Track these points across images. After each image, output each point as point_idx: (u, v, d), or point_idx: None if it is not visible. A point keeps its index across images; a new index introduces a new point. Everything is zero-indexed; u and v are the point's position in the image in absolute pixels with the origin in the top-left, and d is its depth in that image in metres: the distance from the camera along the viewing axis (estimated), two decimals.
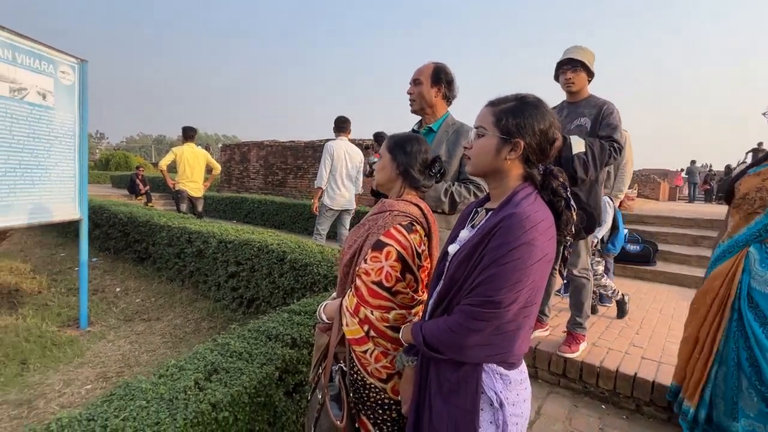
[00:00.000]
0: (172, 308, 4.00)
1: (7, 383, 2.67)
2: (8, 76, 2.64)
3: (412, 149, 1.34)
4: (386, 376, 1.22)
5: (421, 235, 1.28)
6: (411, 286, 1.24)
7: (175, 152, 5.84)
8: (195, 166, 5.82)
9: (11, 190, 2.73)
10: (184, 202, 5.85)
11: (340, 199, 4.65)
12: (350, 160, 4.65)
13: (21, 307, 3.85)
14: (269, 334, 1.94)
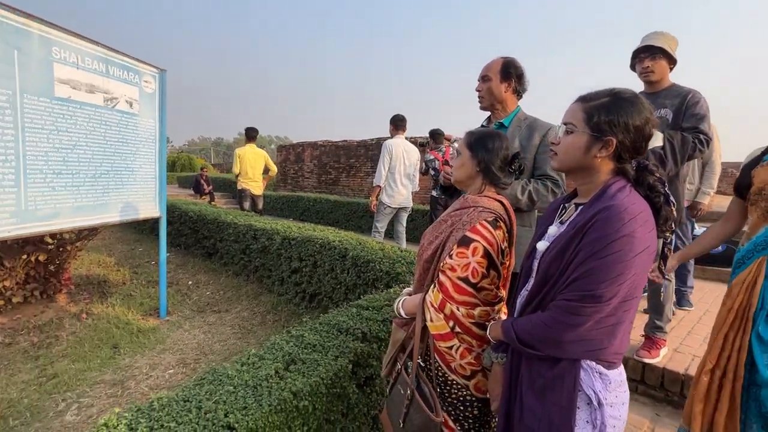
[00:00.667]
0: (239, 301, 4.23)
1: (103, 365, 2.96)
2: (103, 87, 2.91)
3: (493, 145, 1.32)
4: (470, 373, 1.22)
5: (504, 231, 1.26)
6: (494, 283, 1.22)
7: (237, 153, 6.17)
8: (255, 165, 6.10)
9: (105, 191, 3.02)
10: (247, 200, 6.16)
11: (398, 197, 4.67)
12: (408, 158, 4.67)
13: (110, 296, 4.25)
14: (340, 328, 2.00)
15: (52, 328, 3.50)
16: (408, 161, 4.67)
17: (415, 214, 7.23)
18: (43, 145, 2.50)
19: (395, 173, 4.60)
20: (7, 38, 2.24)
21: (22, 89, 2.34)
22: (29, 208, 2.43)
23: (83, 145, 2.80)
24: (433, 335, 1.24)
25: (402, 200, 4.71)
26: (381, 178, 4.60)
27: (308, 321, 2.13)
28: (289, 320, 3.72)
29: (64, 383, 2.70)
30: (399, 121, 4.76)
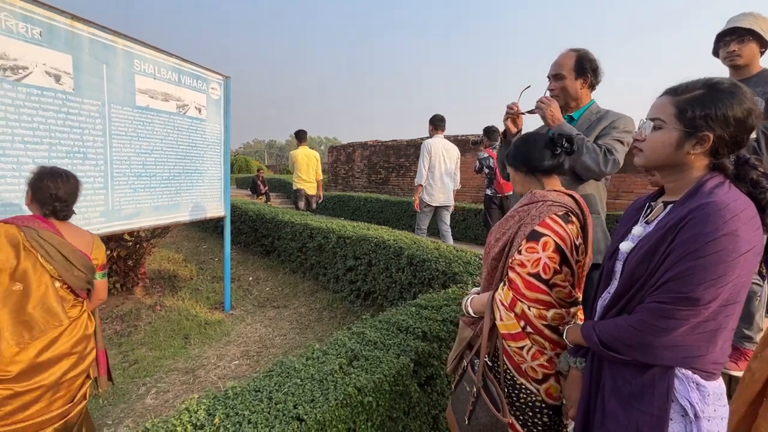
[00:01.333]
0: (296, 297, 4.38)
1: (176, 353, 3.19)
2: (175, 95, 3.13)
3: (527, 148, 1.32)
4: (542, 376, 1.17)
5: (578, 227, 1.21)
6: (568, 280, 1.17)
7: (291, 156, 6.40)
8: (308, 166, 6.29)
9: (177, 192, 3.24)
10: (302, 200, 6.37)
11: (439, 196, 4.71)
12: (447, 157, 4.69)
13: (179, 290, 4.56)
14: (400, 326, 2.01)
15: (132, 317, 3.82)
16: (448, 160, 4.69)
17: (467, 213, 7.11)
18: (126, 150, 2.73)
19: (435, 172, 4.64)
20: (97, 54, 2.47)
21: (109, 100, 2.57)
22: (115, 208, 2.67)
23: (159, 149, 3.02)
24: (503, 335, 1.20)
25: (442, 199, 4.74)
26: (422, 178, 4.66)
27: (368, 319, 2.16)
28: (344, 317, 3.80)
29: (143, 369, 2.94)
30: (438, 121, 4.78)
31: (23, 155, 2.10)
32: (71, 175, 1.69)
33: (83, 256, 1.66)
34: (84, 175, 2.44)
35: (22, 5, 2.06)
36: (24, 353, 1.48)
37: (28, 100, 2.12)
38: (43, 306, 1.53)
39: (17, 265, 1.49)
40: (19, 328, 1.47)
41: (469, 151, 9.31)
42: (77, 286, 1.66)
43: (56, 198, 1.61)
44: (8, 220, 1.55)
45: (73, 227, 1.73)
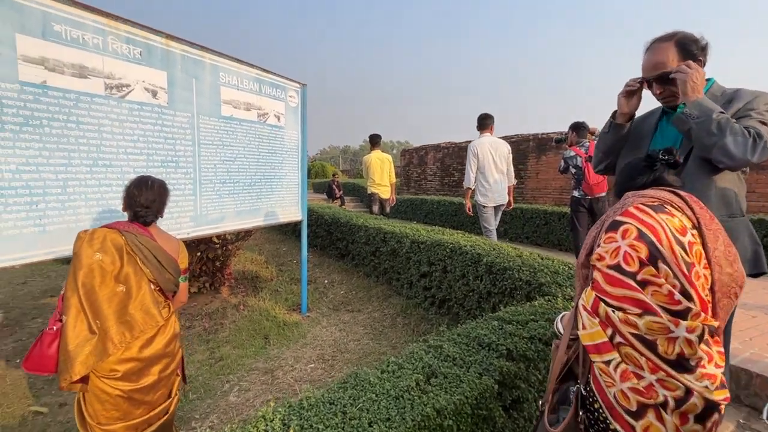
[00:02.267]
0: (370, 302, 4.36)
1: (257, 353, 3.31)
2: (256, 104, 3.27)
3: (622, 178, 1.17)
4: (636, 408, 0.89)
5: (683, 222, 0.97)
6: (670, 283, 0.90)
7: (365, 160, 6.44)
8: (382, 170, 6.29)
9: (258, 197, 3.38)
10: (376, 204, 6.38)
11: (493, 195, 4.70)
12: (497, 155, 4.67)
13: (261, 291, 4.78)
14: (481, 342, 1.84)
15: (218, 316, 4.07)
16: (498, 158, 4.67)
17: (549, 216, 6.62)
18: (212, 158, 2.89)
19: (485, 172, 4.64)
20: (187, 69, 2.64)
21: (198, 111, 2.74)
22: (203, 213, 2.83)
23: (242, 157, 3.17)
24: (587, 348, 0.96)
25: (497, 198, 4.73)
26: (470, 181, 4.71)
27: (445, 331, 2.03)
28: (418, 325, 3.68)
29: (227, 366, 3.08)
30: (485, 120, 4.79)
31: (126, 165, 2.29)
32: (157, 184, 1.76)
33: (173, 260, 1.74)
34: (176, 182, 2.62)
35: (127, 28, 2.26)
36: (127, 352, 1.56)
37: (131, 114, 2.31)
38: (143, 307, 1.61)
39: (121, 268, 1.57)
40: (121, 328, 1.54)
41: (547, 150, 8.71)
42: (167, 289, 1.74)
43: (138, 203, 1.69)
44: (111, 225, 1.65)
45: (164, 233, 1.82)
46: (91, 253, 1.52)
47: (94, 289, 1.51)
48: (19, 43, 1.82)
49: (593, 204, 4.45)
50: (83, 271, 1.50)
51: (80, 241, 1.56)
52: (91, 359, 1.47)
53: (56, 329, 1.54)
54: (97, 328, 1.49)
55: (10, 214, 1.82)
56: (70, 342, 1.45)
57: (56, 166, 1.97)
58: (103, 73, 2.15)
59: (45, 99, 1.92)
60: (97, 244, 1.55)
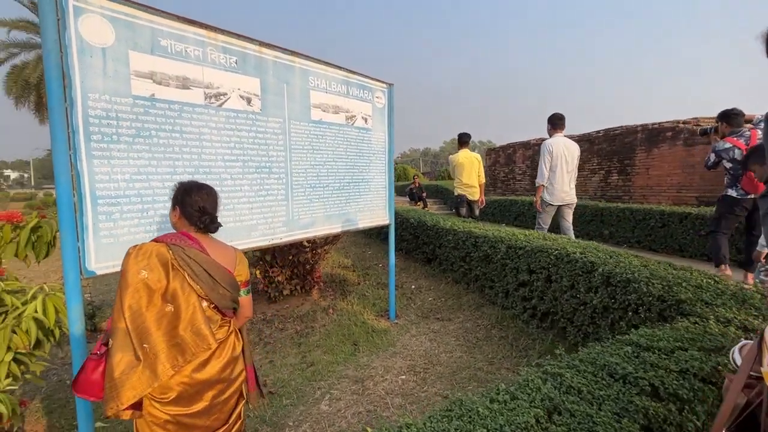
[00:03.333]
0: (460, 310, 4.10)
1: (346, 360, 3.24)
2: (344, 107, 3.22)
3: None
4: None
5: None
6: None
7: (452, 160, 6.17)
8: (470, 171, 5.96)
9: (347, 201, 3.33)
10: (464, 206, 6.08)
11: (560, 194, 4.74)
12: (569, 155, 4.72)
13: (348, 294, 4.77)
14: (612, 373, 1.52)
15: (309, 319, 4.11)
16: (569, 158, 4.72)
17: (666, 218, 5.74)
18: (303, 163, 2.89)
19: (556, 171, 4.69)
20: (279, 75, 2.65)
21: (289, 116, 2.75)
22: (294, 218, 2.83)
23: (330, 161, 3.13)
24: None
25: (564, 197, 4.75)
26: (544, 178, 4.76)
27: (562, 354, 1.72)
28: (517, 339, 3.34)
29: (318, 372, 3.05)
30: (557, 120, 4.82)
31: (223, 172, 2.35)
32: (212, 188, 1.64)
33: (227, 273, 1.57)
34: (270, 187, 2.64)
35: (224, 38, 2.31)
36: (178, 376, 1.43)
37: (227, 122, 2.36)
38: (193, 328, 1.45)
39: (167, 285, 1.43)
40: (173, 351, 1.41)
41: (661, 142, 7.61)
42: (223, 305, 1.56)
43: (203, 211, 1.55)
44: (159, 239, 1.51)
45: (217, 242, 1.65)
46: (137, 271, 1.39)
47: (141, 311, 1.38)
48: (132, 59, 1.92)
49: (755, 204, 3.63)
50: (129, 291, 1.37)
51: (127, 258, 1.42)
52: (141, 385, 1.35)
53: (100, 354, 1.44)
54: (144, 353, 1.36)
55: (125, 221, 1.93)
56: (116, 369, 1.33)
57: (163, 175, 2.06)
58: (203, 83, 2.22)
59: (153, 111, 2.01)
60: (143, 261, 1.41)
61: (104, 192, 1.85)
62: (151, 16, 1.99)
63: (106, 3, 1.83)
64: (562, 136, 4.80)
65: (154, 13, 2.00)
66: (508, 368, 2.97)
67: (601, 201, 8.19)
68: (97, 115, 1.81)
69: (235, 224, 2.43)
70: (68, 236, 1.73)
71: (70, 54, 1.71)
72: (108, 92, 1.84)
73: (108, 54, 1.84)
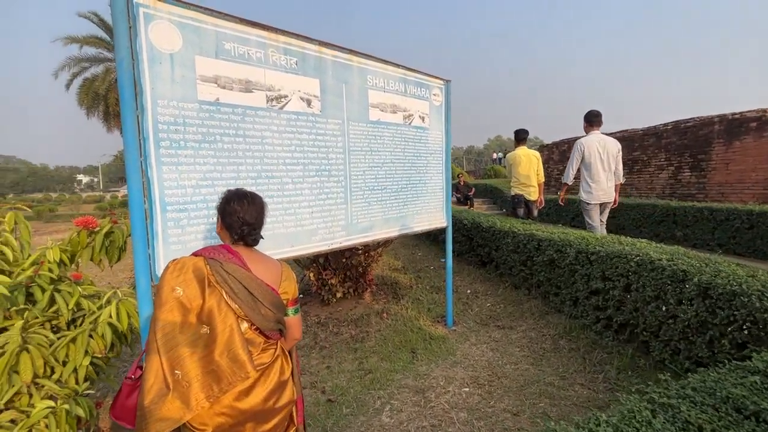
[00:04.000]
0: (522, 318, 3.86)
1: (405, 368, 3.12)
2: (402, 106, 3.10)
3: None
4: None
5: None
6: None
7: (509, 158, 5.89)
8: (529, 169, 5.66)
9: (405, 203, 3.21)
10: (521, 207, 5.79)
11: (597, 193, 4.67)
12: (605, 153, 4.64)
13: (402, 298, 4.66)
14: (738, 406, 1.29)
15: (363, 323, 4.04)
16: (606, 155, 4.64)
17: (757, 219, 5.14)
18: (361, 165, 2.80)
19: (591, 170, 4.65)
20: (338, 75, 2.58)
21: (348, 117, 2.67)
22: (353, 221, 2.75)
23: (389, 162, 3.03)
24: None
25: (601, 195, 4.69)
26: (568, 177, 4.80)
27: (668, 381, 1.50)
28: (589, 351, 3.07)
29: (377, 381, 2.95)
30: (593, 117, 4.74)
31: (285, 176, 2.30)
32: (256, 197, 1.51)
33: (270, 292, 1.41)
34: (329, 191, 2.57)
35: (285, 39, 2.26)
36: (217, 406, 1.30)
37: (288, 125, 2.31)
38: (229, 353, 1.29)
39: (203, 304, 1.29)
40: (208, 379, 1.27)
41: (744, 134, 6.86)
42: (265, 327, 1.40)
43: (244, 221, 1.43)
44: (198, 252, 1.41)
45: (260, 256, 1.51)
46: (172, 287, 1.28)
47: (174, 333, 1.26)
48: (197, 64, 1.91)
49: None
50: (163, 310, 1.26)
51: (164, 272, 1.32)
52: (171, 417, 1.22)
53: (135, 378, 1.36)
54: (174, 381, 1.23)
55: (193, 227, 1.92)
56: (146, 396, 1.21)
57: (227, 180, 2.04)
58: (265, 86, 2.18)
59: (218, 115, 1.99)
60: (179, 276, 1.30)
61: (173, 198, 1.84)
62: (215, 19, 1.97)
63: (174, 9, 1.82)
64: (598, 133, 4.74)
65: (218, 17, 1.97)
66: (582, 384, 2.73)
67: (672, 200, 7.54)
68: (166, 122, 1.80)
69: (296, 229, 2.38)
70: (140, 243, 1.73)
71: (141, 61, 1.71)
72: (176, 98, 1.83)
73: (175, 60, 1.83)
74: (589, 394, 2.61)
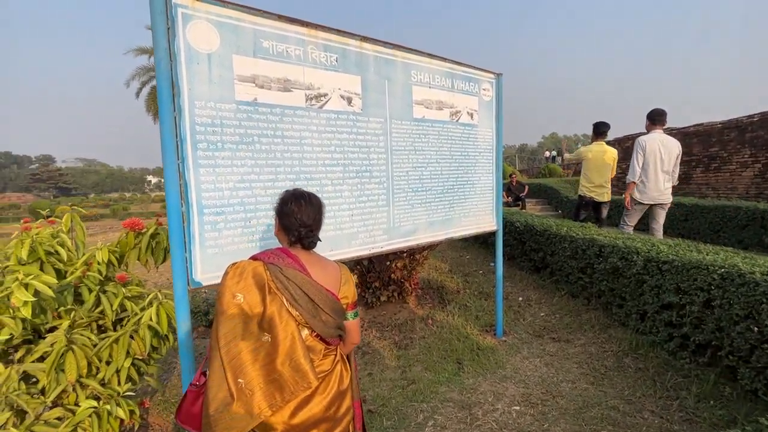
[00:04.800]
0: (581, 330, 3.54)
1: (450, 380, 2.94)
2: (448, 102, 2.93)
3: None
4: None
5: None
6: None
7: (580, 152, 5.51)
8: (601, 168, 5.25)
9: (451, 206, 3.03)
10: (586, 209, 5.38)
11: (652, 193, 4.58)
12: (665, 153, 4.53)
13: (448, 304, 4.46)
14: None
15: (407, 329, 3.89)
16: (666, 156, 4.53)
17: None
18: (404, 165, 2.66)
19: (648, 169, 4.55)
20: (380, 71, 2.46)
21: (390, 116, 2.54)
22: (395, 225, 2.62)
23: (434, 162, 2.87)
24: None
25: (655, 196, 4.57)
26: (635, 175, 4.62)
27: None
28: (661, 373, 2.73)
29: (420, 392, 2.80)
30: (656, 116, 4.62)
31: (324, 177, 2.22)
32: (314, 197, 1.46)
33: (331, 297, 1.36)
34: (370, 192, 2.46)
35: (324, 35, 2.18)
36: (277, 415, 1.26)
37: (328, 125, 2.22)
38: (291, 362, 1.25)
39: (264, 312, 1.26)
40: (270, 388, 1.23)
41: None
42: (326, 333, 1.36)
43: (301, 223, 1.37)
44: (257, 256, 1.37)
45: (319, 259, 1.46)
46: (233, 294, 1.24)
47: (237, 341, 1.23)
48: (235, 63, 1.87)
49: None
50: (224, 317, 1.23)
51: (224, 277, 1.28)
52: (236, 426, 1.20)
53: (199, 385, 1.35)
54: (238, 390, 1.21)
55: (229, 230, 1.88)
56: (211, 404, 1.20)
57: (265, 182, 1.98)
58: (304, 85, 2.11)
59: (256, 116, 1.94)
60: (240, 282, 1.26)
61: (210, 201, 1.81)
62: (253, 17, 1.91)
63: (212, 8, 1.78)
64: (661, 132, 4.62)
65: (257, 14, 1.92)
66: (653, 411, 2.41)
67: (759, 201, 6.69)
68: (203, 123, 1.77)
69: (336, 233, 2.29)
70: (177, 247, 1.71)
71: (179, 62, 1.69)
72: (213, 99, 1.80)
73: (213, 59, 1.79)
74: (661, 423, 2.30)
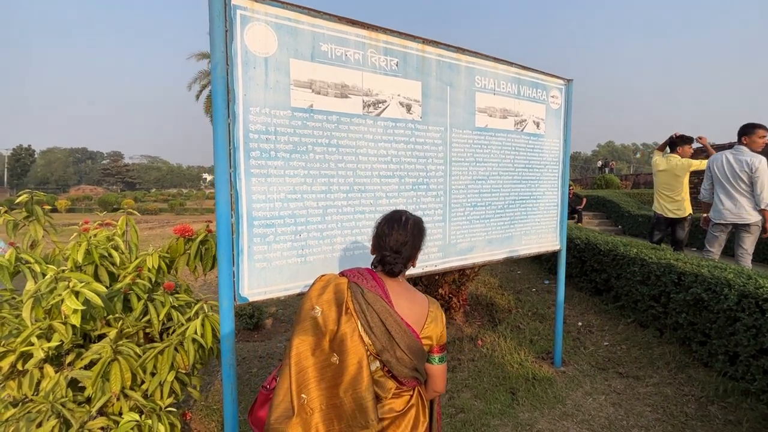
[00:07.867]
0: (652, 367, 3.15)
1: (503, 412, 2.69)
2: (513, 110, 2.70)
3: None
4: None
5: None
6: None
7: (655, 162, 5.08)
8: (674, 182, 4.80)
9: (511, 222, 2.79)
10: (659, 229, 4.92)
11: (724, 212, 4.24)
12: (729, 170, 4.16)
13: (499, 323, 4.18)
14: None
15: (455, 349, 3.67)
16: (730, 173, 4.15)
17: None
18: (463, 177, 2.47)
19: (717, 188, 4.32)
20: (442, 76, 2.29)
21: (451, 124, 2.36)
22: (451, 241, 2.43)
23: (495, 174, 2.65)
24: None
25: (728, 216, 4.20)
26: (703, 195, 4.52)
27: None
28: (757, 430, 2.33)
29: (470, 423, 2.58)
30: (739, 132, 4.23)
31: (378, 189, 2.08)
32: (411, 221, 1.33)
33: (410, 334, 1.21)
34: (426, 206, 2.29)
35: (385, 38, 2.04)
36: None
37: (385, 133, 2.08)
38: (354, 393, 1.13)
39: (336, 331, 1.17)
40: (330, 413, 1.14)
41: None
42: (399, 372, 1.22)
43: (386, 246, 1.28)
44: (344, 272, 1.30)
45: (407, 290, 1.32)
46: (311, 306, 1.18)
47: (307, 354, 1.16)
48: (292, 68, 1.77)
49: None
50: (300, 327, 1.18)
51: (311, 287, 1.24)
52: None
53: (270, 389, 1.31)
54: (299, 405, 1.12)
55: (278, 243, 1.78)
56: (273, 412, 1.13)
57: (317, 193, 1.87)
58: (362, 91, 1.98)
59: (311, 123, 1.83)
60: (321, 296, 1.20)
61: (260, 213, 1.71)
62: (313, 19, 1.81)
63: (271, 9, 1.69)
64: (742, 147, 4.21)
65: (316, 16, 1.81)
66: None
67: None
68: (257, 130, 1.68)
69: None
70: (225, 260, 1.62)
71: (236, 65, 1.61)
72: (268, 105, 1.70)
73: (270, 64, 1.70)
74: None
